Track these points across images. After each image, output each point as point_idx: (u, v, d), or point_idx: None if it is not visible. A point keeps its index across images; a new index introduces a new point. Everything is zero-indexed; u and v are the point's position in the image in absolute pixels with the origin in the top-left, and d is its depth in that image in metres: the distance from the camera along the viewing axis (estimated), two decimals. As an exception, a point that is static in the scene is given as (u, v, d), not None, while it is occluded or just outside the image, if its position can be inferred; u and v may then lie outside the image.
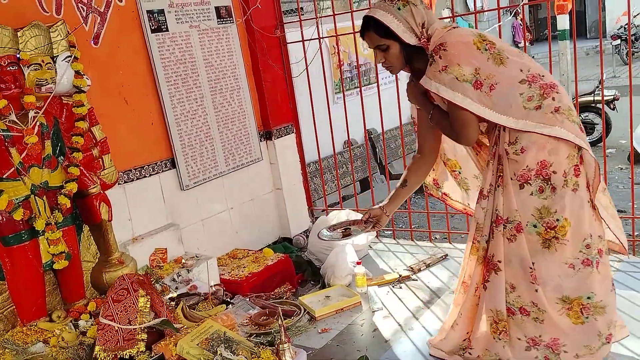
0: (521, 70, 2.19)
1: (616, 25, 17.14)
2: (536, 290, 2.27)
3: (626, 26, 14.89)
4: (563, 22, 7.09)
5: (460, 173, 2.71)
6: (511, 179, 2.23)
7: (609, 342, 2.37)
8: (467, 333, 2.54)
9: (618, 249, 2.55)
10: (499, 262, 2.29)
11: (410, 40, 2.24)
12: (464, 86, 2.16)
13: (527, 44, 5.55)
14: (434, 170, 2.73)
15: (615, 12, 17.52)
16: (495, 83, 2.16)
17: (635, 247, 3.76)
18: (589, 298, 2.29)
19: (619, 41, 14.59)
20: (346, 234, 2.68)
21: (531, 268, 2.25)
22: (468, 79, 2.15)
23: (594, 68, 12.20)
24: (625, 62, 14.07)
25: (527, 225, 2.24)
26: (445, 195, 2.81)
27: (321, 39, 4.48)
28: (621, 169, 6.44)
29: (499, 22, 4.18)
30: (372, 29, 2.29)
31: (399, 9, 2.22)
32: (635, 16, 15.52)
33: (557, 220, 2.21)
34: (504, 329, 2.37)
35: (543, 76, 2.21)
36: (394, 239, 4.56)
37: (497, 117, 2.18)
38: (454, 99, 2.17)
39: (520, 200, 2.23)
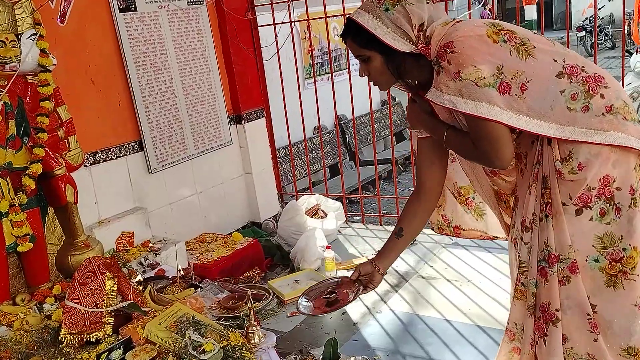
0: (555, 61, 1.69)
1: (582, 17, 17.48)
2: (595, 340, 1.80)
3: (591, 18, 15.19)
4: (531, 12, 7.19)
5: (474, 199, 2.20)
6: (564, 204, 1.73)
7: None
8: None
9: None
10: (557, 311, 1.80)
11: (404, 47, 1.75)
12: (488, 92, 1.64)
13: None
14: (440, 206, 2.23)
15: (580, 4, 17.87)
16: (526, 81, 1.65)
17: None
18: None
19: (584, 33, 14.90)
20: (332, 302, 2.01)
21: (589, 314, 1.78)
22: (490, 82, 1.64)
23: (561, 59, 12.40)
24: (590, 53, 14.35)
25: (586, 260, 1.75)
26: (457, 228, 2.28)
27: (292, 23, 4.45)
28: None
29: (469, 10, 4.21)
30: (351, 36, 1.83)
31: (387, 10, 1.74)
32: (600, 9, 15.85)
33: (624, 249, 1.72)
34: None
35: (584, 67, 1.70)
36: (363, 224, 4.59)
37: (535, 124, 1.67)
38: (477, 112, 1.65)
39: (577, 230, 1.74)
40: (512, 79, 1.65)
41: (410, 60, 1.80)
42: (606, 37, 15.93)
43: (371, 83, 1.95)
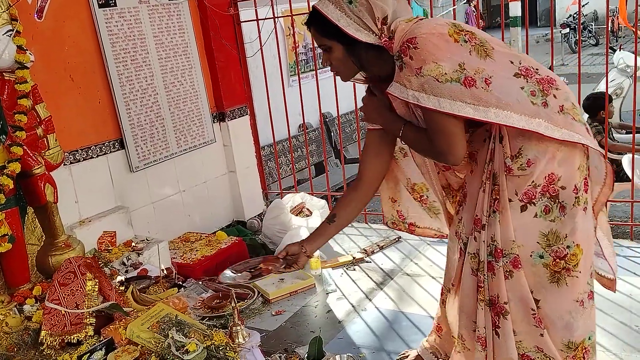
0: (512, 62, 1.75)
1: (566, 13, 17.63)
2: (542, 335, 1.88)
3: (575, 15, 15.31)
4: (515, 9, 7.24)
5: (428, 197, 2.26)
6: (510, 200, 1.80)
7: None
8: None
9: (606, 284, 2.06)
10: (505, 303, 1.87)
11: (367, 38, 1.79)
12: (450, 87, 1.67)
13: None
14: (395, 201, 2.31)
15: (564, 1, 18.02)
16: (488, 77, 1.69)
17: (634, 231, 3.82)
18: (589, 338, 1.92)
19: (567, 30, 15.02)
20: (256, 275, 2.29)
21: (533, 310, 1.86)
22: (453, 77, 1.68)
23: (544, 56, 12.49)
24: (574, 50, 14.47)
25: (531, 256, 1.82)
26: (412, 225, 2.35)
27: (276, 19, 4.42)
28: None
29: (454, 5, 4.22)
30: (314, 24, 1.88)
31: (350, 2, 1.78)
32: (584, 5, 16.00)
33: (568, 247, 1.80)
34: None
35: (537, 70, 1.78)
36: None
37: (505, 115, 1.69)
38: (439, 107, 1.69)
39: (522, 225, 1.81)
40: (474, 74, 1.69)
41: (373, 53, 1.84)
42: (590, 34, 16.09)
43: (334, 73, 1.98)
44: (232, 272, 2.29)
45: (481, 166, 1.87)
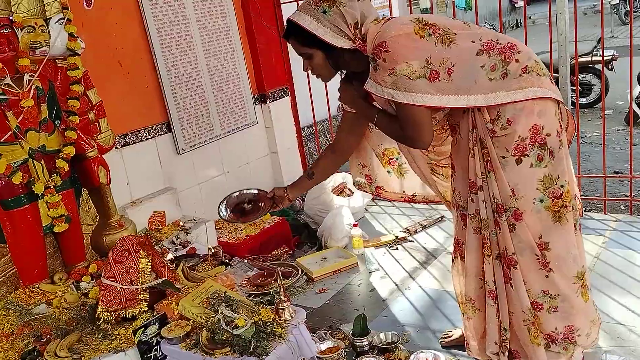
0: (473, 42, 1.95)
1: (614, -16, 16.93)
2: (547, 276, 2.06)
3: (624, -14, 14.70)
4: (561, -19, 7.02)
5: (398, 159, 2.49)
6: (503, 157, 1.98)
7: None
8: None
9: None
10: (514, 254, 2.06)
11: (343, 44, 1.99)
12: (420, 83, 1.90)
13: (525, 4, 5.49)
14: (364, 166, 2.52)
15: (613, -29, 17.26)
16: (452, 65, 1.91)
17: (633, 206, 3.79)
18: (583, 266, 2.13)
19: (617, 0, 14.43)
20: (248, 213, 2.50)
21: (537, 255, 2.04)
22: (421, 74, 1.89)
23: (592, 28, 12.09)
24: (624, 22, 13.94)
25: (534, 203, 2.00)
26: (380, 189, 2.56)
27: (316, 0, 4.42)
28: (618, 130, 6.45)
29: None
30: (293, 36, 2.06)
31: (325, 12, 1.96)
32: (634, -24, 15.30)
33: (562, 186, 2.00)
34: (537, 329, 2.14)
35: (498, 40, 1.96)
36: (390, 201, 4.59)
37: (465, 100, 1.93)
38: (412, 101, 1.91)
39: (521, 177, 1.99)
40: (439, 66, 1.90)
41: (348, 55, 2.04)
42: (641, 5, 15.43)
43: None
44: (225, 209, 2.53)
45: (465, 135, 2.05)
